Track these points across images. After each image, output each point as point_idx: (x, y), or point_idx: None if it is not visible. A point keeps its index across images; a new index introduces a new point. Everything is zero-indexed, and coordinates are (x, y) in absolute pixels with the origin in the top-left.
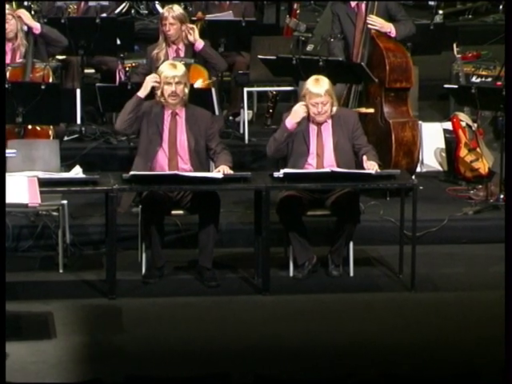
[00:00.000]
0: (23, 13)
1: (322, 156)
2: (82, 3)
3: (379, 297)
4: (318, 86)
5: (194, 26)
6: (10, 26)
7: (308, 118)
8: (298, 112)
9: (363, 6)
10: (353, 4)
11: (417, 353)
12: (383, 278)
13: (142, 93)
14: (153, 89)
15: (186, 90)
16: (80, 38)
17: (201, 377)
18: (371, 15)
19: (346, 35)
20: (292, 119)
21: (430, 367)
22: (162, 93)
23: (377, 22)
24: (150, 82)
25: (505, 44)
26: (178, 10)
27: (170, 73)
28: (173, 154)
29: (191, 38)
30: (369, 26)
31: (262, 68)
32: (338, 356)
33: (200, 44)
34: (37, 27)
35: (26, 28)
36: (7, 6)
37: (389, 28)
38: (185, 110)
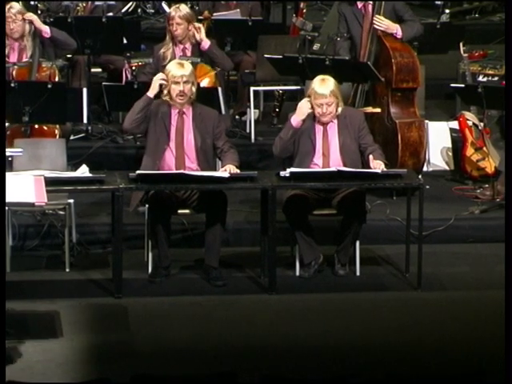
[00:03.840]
0: (33, 16)
1: (328, 156)
2: (89, 2)
3: (385, 296)
4: (323, 86)
5: (201, 25)
6: (17, 26)
7: (313, 118)
8: (302, 108)
9: (370, 6)
10: (360, 5)
11: (423, 352)
12: (389, 277)
13: (151, 92)
14: (160, 87)
15: (194, 89)
16: (86, 37)
17: (207, 376)
18: (378, 16)
19: (352, 35)
20: (297, 116)
21: (437, 366)
22: (169, 92)
23: (383, 23)
24: (157, 80)
25: (505, 44)
26: (184, 9)
27: (178, 72)
28: (180, 153)
29: (198, 37)
30: (375, 26)
31: (269, 67)
32: (344, 355)
33: (206, 44)
34: (46, 31)
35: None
36: (17, 6)
37: (395, 29)
38: (192, 109)
